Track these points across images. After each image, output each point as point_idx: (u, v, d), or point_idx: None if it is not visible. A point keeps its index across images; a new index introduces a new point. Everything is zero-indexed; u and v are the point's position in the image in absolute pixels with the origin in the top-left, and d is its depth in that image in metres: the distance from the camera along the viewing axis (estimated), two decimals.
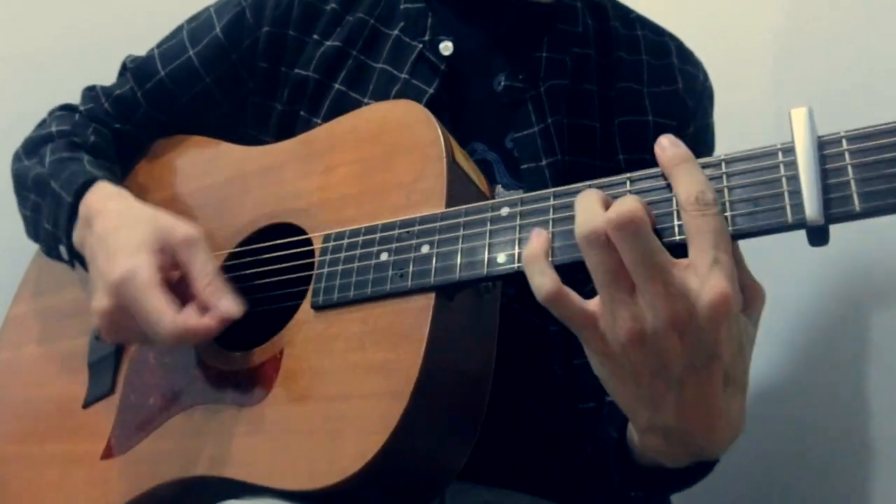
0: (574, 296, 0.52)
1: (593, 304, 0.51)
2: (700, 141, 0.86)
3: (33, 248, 0.96)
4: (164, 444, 0.69)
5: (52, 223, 0.79)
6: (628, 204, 0.48)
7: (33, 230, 0.86)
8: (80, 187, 0.77)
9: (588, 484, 0.73)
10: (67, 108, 0.95)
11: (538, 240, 0.54)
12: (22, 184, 0.87)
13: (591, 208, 0.51)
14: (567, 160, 0.78)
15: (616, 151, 0.80)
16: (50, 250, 0.83)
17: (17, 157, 0.91)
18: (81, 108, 0.93)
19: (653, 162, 0.84)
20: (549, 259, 0.54)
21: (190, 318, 0.64)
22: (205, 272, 0.67)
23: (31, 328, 0.88)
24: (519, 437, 0.74)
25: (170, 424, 0.70)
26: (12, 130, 0.95)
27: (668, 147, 0.52)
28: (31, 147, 0.89)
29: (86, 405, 0.77)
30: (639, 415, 0.54)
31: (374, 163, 0.71)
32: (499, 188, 0.78)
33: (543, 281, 0.52)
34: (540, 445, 0.75)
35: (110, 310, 0.67)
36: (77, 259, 0.78)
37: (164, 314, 0.64)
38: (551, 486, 0.74)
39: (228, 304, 0.66)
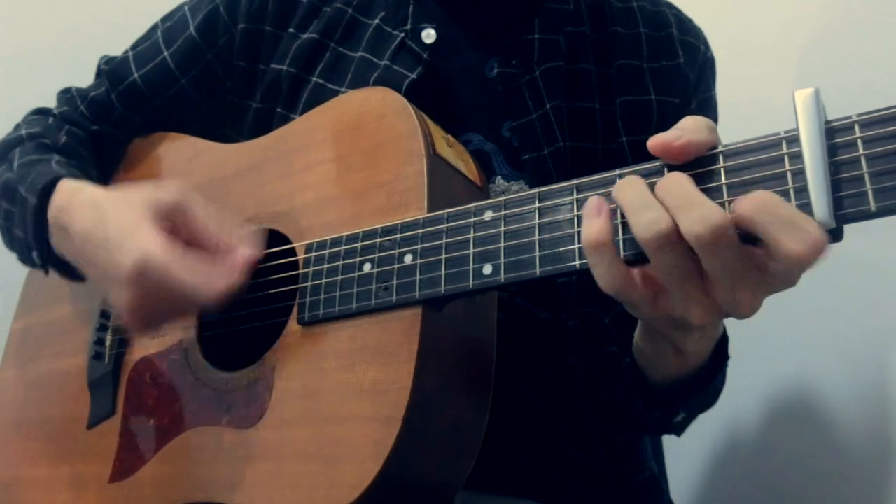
0: (637, 284, 0.49)
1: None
2: (702, 115, 0.79)
3: None
4: (166, 468, 0.68)
5: (23, 229, 0.75)
6: (718, 215, 0.44)
7: (8, 238, 0.82)
8: (42, 189, 0.72)
9: (604, 471, 0.72)
10: (41, 112, 0.91)
11: (601, 221, 0.48)
12: None
13: (652, 206, 0.46)
14: (569, 146, 0.73)
15: (618, 133, 0.75)
16: (24, 258, 0.79)
17: None
18: (56, 111, 0.89)
19: None
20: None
21: (222, 280, 0.60)
22: (209, 224, 0.63)
23: (32, 345, 0.87)
24: (529, 441, 0.71)
25: (171, 448, 0.68)
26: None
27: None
28: (1, 152, 0.85)
29: (90, 426, 0.76)
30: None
31: (353, 160, 0.66)
32: (498, 179, 0.73)
33: (610, 272, 0.48)
34: (551, 449, 0.72)
35: (136, 303, 0.62)
36: (52, 264, 0.75)
37: (199, 288, 0.60)
38: (562, 493, 0.71)
39: (245, 251, 0.62)
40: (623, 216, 0.48)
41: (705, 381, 0.63)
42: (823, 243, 0.42)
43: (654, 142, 0.48)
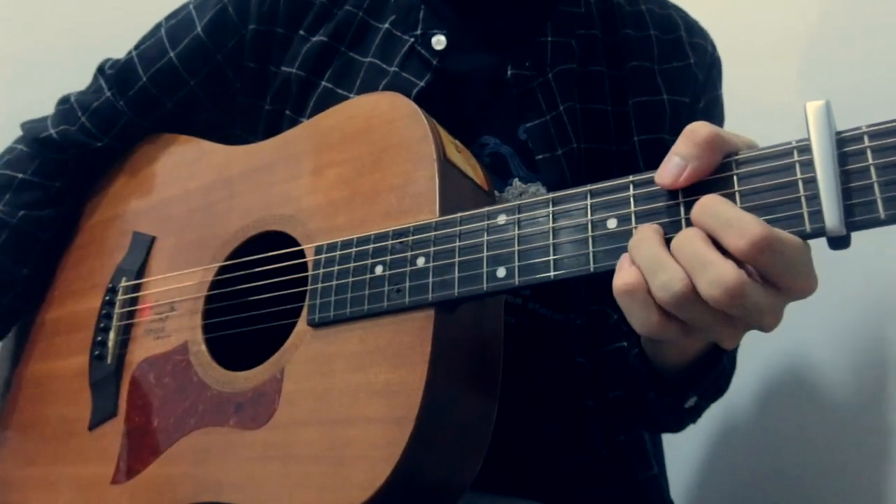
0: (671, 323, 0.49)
1: None
2: (710, 114, 0.81)
3: None
4: (171, 469, 0.68)
5: None
6: (732, 276, 0.44)
7: None
8: None
9: (609, 479, 0.72)
10: (32, 143, 0.87)
11: (633, 270, 0.48)
12: None
13: (665, 266, 0.47)
14: (583, 147, 0.75)
15: (631, 133, 0.76)
16: None
17: None
18: (52, 131, 0.86)
19: (670, 142, 0.80)
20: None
21: None
22: None
23: (32, 344, 0.87)
24: (530, 442, 0.72)
25: (175, 449, 0.68)
26: (13, 130, 0.92)
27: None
28: None
29: (91, 427, 0.76)
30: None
31: (363, 163, 0.67)
32: (516, 181, 0.74)
33: (644, 314, 0.48)
34: (553, 451, 0.73)
35: None
36: None
37: None
38: (563, 493, 0.72)
39: None
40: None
41: (714, 359, 0.64)
42: (762, 239, 0.44)
43: (662, 182, 0.49)
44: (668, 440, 0.83)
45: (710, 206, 0.46)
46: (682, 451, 1.02)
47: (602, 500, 0.73)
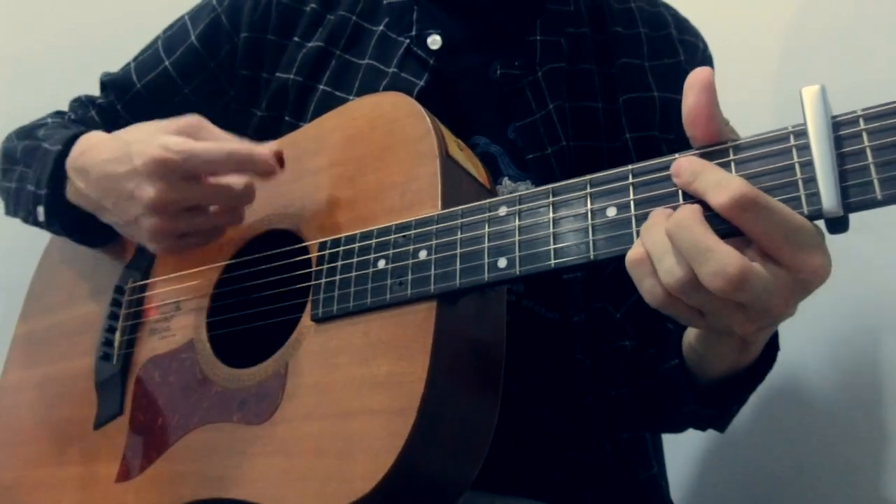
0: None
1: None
2: None
3: (34, 250, 0.95)
4: (175, 466, 0.68)
5: (35, 182, 0.76)
6: (734, 266, 0.44)
7: (14, 203, 0.83)
8: (69, 138, 0.75)
9: (614, 479, 0.72)
10: (58, 113, 0.93)
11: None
12: (10, 158, 0.85)
13: (670, 252, 0.47)
14: (572, 146, 0.75)
15: (622, 131, 0.77)
16: (27, 215, 0.80)
17: (8, 139, 0.89)
18: (72, 115, 0.92)
19: (662, 139, 0.81)
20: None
21: (251, 152, 0.66)
22: (226, 138, 0.68)
23: (37, 347, 0.87)
24: (530, 441, 0.72)
25: (180, 445, 0.69)
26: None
27: (682, 169, 0.48)
28: (26, 130, 0.88)
29: (97, 426, 0.76)
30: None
31: (366, 162, 0.68)
32: (505, 181, 0.75)
33: (651, 286, 0.48)
34: (552, 449, 0.73)
35: (160, 191, 0.65)
36: (58, 219, 0.77)
37: (226, 142, 0.65)
38: (563, 493, 0.72)
39: (266, 147, 0.67)
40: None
41: (762, 371, 0.63)
42: (742, 196, 0.44)
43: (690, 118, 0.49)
44: (668, 440, 0.82)
45: (688, 166, 0.47)
46: (682, 451, 1.02)
47: (603, 500, 0.72)
